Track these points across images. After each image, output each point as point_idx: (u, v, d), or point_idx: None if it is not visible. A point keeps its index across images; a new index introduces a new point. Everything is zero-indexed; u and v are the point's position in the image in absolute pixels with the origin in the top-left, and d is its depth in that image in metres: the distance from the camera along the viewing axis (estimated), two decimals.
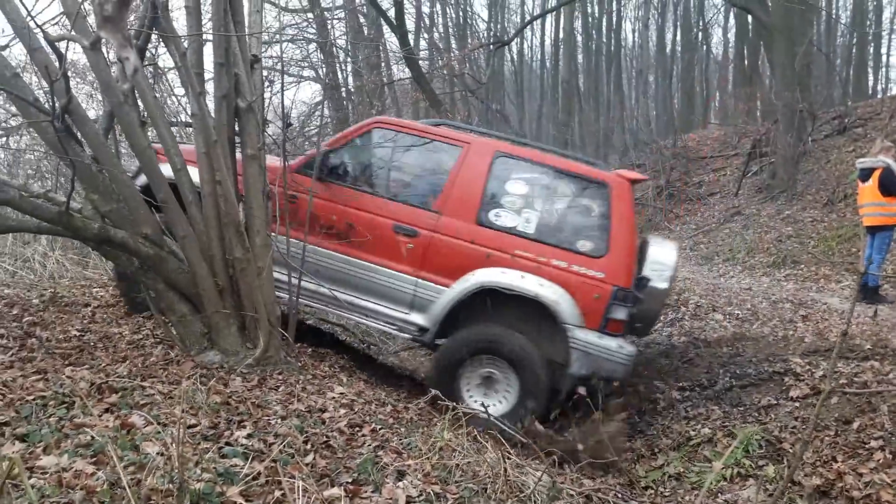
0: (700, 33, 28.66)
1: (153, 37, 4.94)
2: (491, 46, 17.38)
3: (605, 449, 3.71)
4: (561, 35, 27.53)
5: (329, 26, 17.51)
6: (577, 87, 27.78)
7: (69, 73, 4.53)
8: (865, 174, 7.34)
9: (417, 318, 4.63)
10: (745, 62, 22.92)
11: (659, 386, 5.00)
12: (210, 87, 4.49)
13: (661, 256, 4.76)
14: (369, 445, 2.99)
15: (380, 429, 3.22)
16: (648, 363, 5.65)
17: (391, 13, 14.70)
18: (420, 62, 16.19)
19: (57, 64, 3.45)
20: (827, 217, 11.31)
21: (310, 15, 16.97)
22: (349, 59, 18.30)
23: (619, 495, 3.37)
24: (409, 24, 19.84)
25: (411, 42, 17.14)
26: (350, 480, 2.62)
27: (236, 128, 4.20)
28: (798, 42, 13.61)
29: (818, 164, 13.66)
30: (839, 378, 4.27)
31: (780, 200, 12.75)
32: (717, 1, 28.15)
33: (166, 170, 3.96)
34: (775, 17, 13.49)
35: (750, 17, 18.28)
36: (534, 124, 30.79)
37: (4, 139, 8.24)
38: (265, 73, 5.47)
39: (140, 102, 3.90)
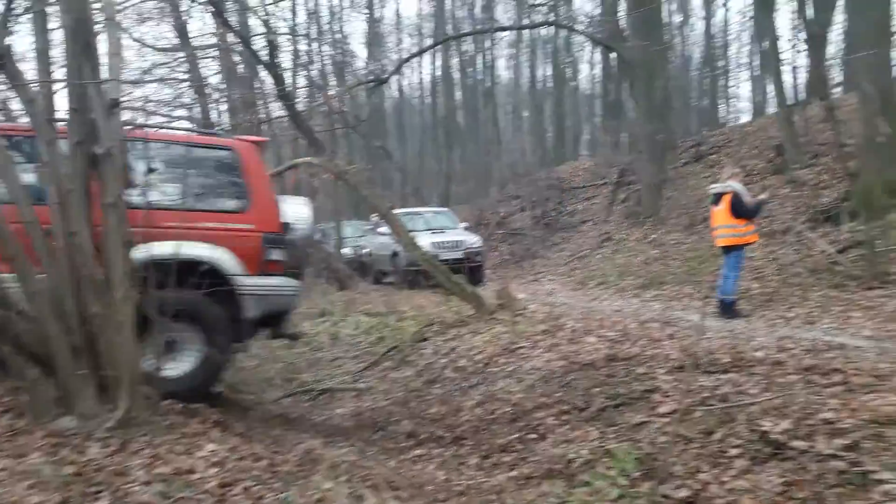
0: (568, 69, 30.31)
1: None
2: (369, 84, 17.53)
3: None
4: (438, 73, 28.28)
5: (200, 65, 17.08)
6: (456, 123, 28.52)
7: None
8: (717, 198, 7.97)
9: None
10: (611, 96, 24.45)
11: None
12: None
13: (296, 210, 5.70)
14: None
15: (254, 486, 3.09)
16: (530, 389, 5.78)
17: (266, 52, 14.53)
18: (298, 100, 16.08)
19: None
20: (688, 239, 12.16)
21: (181, 53, 16.49)
22: (224, 97, 17.90)
23: None
24: (287, 61, 19.73)
25: (290, 79, 17.04)
26: None
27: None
28: (657, 77, 14.69)
29: (679, 191, 14.72)
30: (702, 392, 4.54)
31: (646, 225, 13.59)
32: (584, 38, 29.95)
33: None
34: (635, 55, 14.52)
35: (613, 54, 19.56)
36: (416, 159, 31.25)
37: None
38: (132, 115, 5.52)
39: None
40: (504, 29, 25.24)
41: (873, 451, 3.23)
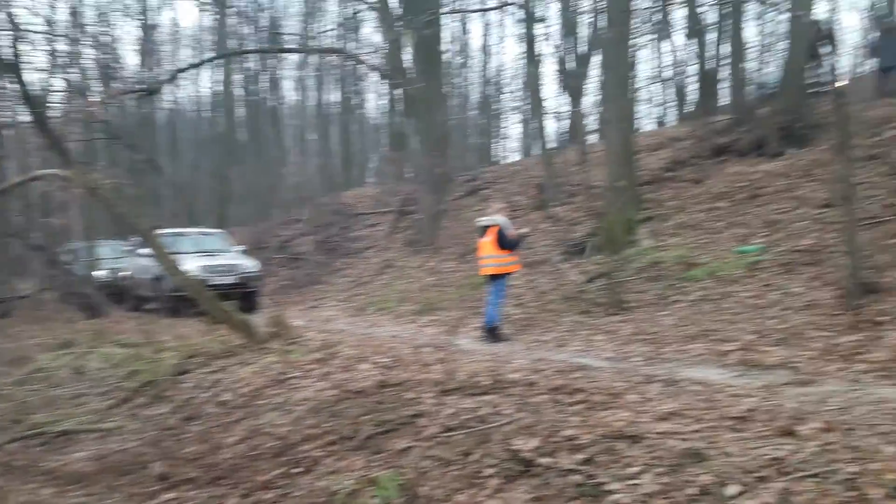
0: (355, 97, 30.67)
1: None
2: (138, 93, 16.17)
3: None
4: (219, 87, 27.00)
5: None
6: (236, 141, 27.38)
7: None
8: (484, 230, 8.48)
9: None
10: (396, 127, 25.10)
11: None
12: None
13: None
14: None
15: None
16: (299, 420, 5.59)
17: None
18: (49, 104, 14.32)
19: None
20: (462, 267, 12.78)
21: None
22: None
23: None
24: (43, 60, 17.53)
25: (46, 81, 15.13)
26: None
27: None
28: (436, 113, 15.39)
29: (454, 221, 15.47)
30: (462, 414, 4.70)
31: (424, 253, 14.06)
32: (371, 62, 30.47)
33: None
34: (417, 90, 15.07)
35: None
36: (190, 177, 29.38)
37: None
38: None
39: None
40: (289, 51, 24.90)
41: (606, 464, 3.55)
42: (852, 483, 2.79)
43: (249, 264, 13.20)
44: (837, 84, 8.66)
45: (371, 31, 25.75)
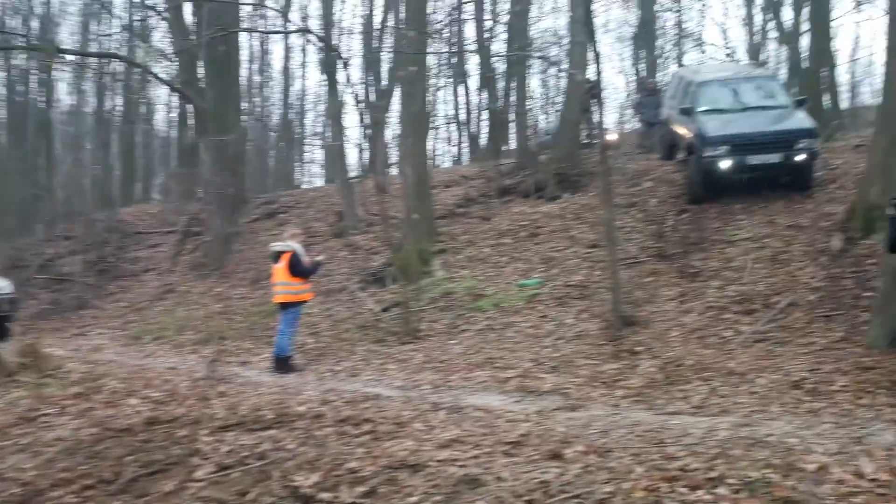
0: (142, 106, 28.44)
1: None
2: None
3: None
4: None
5: None
6: None
7: None
8: (277, 256, 8.20)
9: None
10: (187, 143, 23.60)
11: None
12: None
13: None
14: None
15: None
16: (49, 464, 4.90)
17: None
18: None
19: None
20: (253, 294, 12.25)
21: None
22: None
23: None
24: None
25: None
26: None
27: None
28: (230, 131, 14.72)
29: (248, 245, 14.83)
30: (241, 451, 4.43)
31: (212, 278, 13.27)
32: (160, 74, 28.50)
33: None
34: (209, 105, 14.34)
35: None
36: None
37: None
38: None
39: None
40: (66, 52, 22.46)
41: (387, 496, 3.52)
42: (606, 502, 3.04)
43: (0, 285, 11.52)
44: (603, 138, 9.71)
45: (161, 40, 24.11)
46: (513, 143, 17.99)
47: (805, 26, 19.57)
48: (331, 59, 13.72)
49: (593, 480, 3.21)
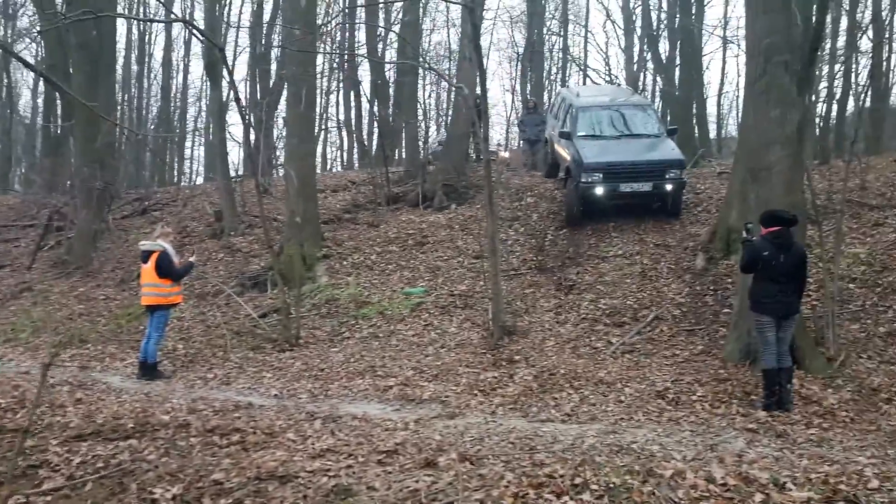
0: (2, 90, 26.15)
1: None
2: None
3: None
4: None
5: None
6: None
7: None
8: (146, 256, 7.72)
9: None
10: (53, 131, 21.87)
11: None
12: None
13: None
14: None
15: None
16: None
17: None
18: None
19: None
20: (120, 295, 11.49)
21: None
22: None
23: None
24: None
25: None
26: None
27: None
28: (100, 122, 13.75)
29: (117, 243, 13.92)
30: (96, 462, 4.12)
31: (75, 277, 12.34)
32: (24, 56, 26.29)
33: None
34: (78, 92, 13.34)
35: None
36: None
37: None
38: None
39: None
40: None
41: None
42: None
43: None
44: (487, 153, 9.90)
45: (31, 19, 22.31)
46: (404, 152, 18.04)
47: (678, 59, 21.05)
48: (212, 54, 13.15)
49: (465, 488, 3.23)
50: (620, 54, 28.92)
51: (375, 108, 20.31)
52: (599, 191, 10.70)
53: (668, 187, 10.75)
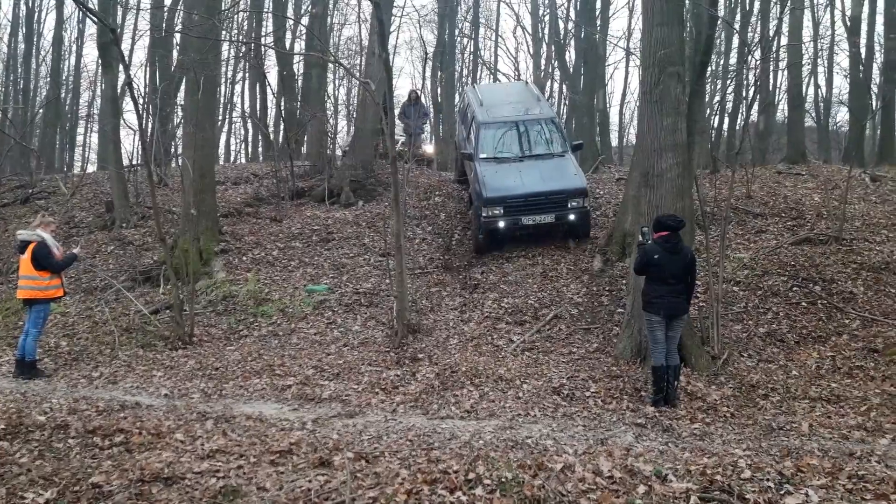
0: None
1: None
2: None
3: None
4: None
5: None
6: None
7: None
8: (23, 247, 7.20)
9: None
10: None
11: None
12: None
13: None
14: None
15: None
16: None
17: None
18: None
19: None
20: None
21: None
22: None
23: None
24: None
25: None
26: None
27: None
28: None
29: None
30: None
31: None
32: None
33: None
34: None
35: None
36: None
37: None
38: None
39: None
40: None
41: None
42: None
43: None
44: (394, 151, 9.77)
45: None
46: (309, 146, 17.69)
47: (583, 68, 21.78)
48: (105, 34, 12.41)
49: (358, 486, 3.19)
50: (529, 60, 29.57)
51: (282, 101, 19.81)
52: (501, 224, 10.48)
53: (571, 217, 10.53)
